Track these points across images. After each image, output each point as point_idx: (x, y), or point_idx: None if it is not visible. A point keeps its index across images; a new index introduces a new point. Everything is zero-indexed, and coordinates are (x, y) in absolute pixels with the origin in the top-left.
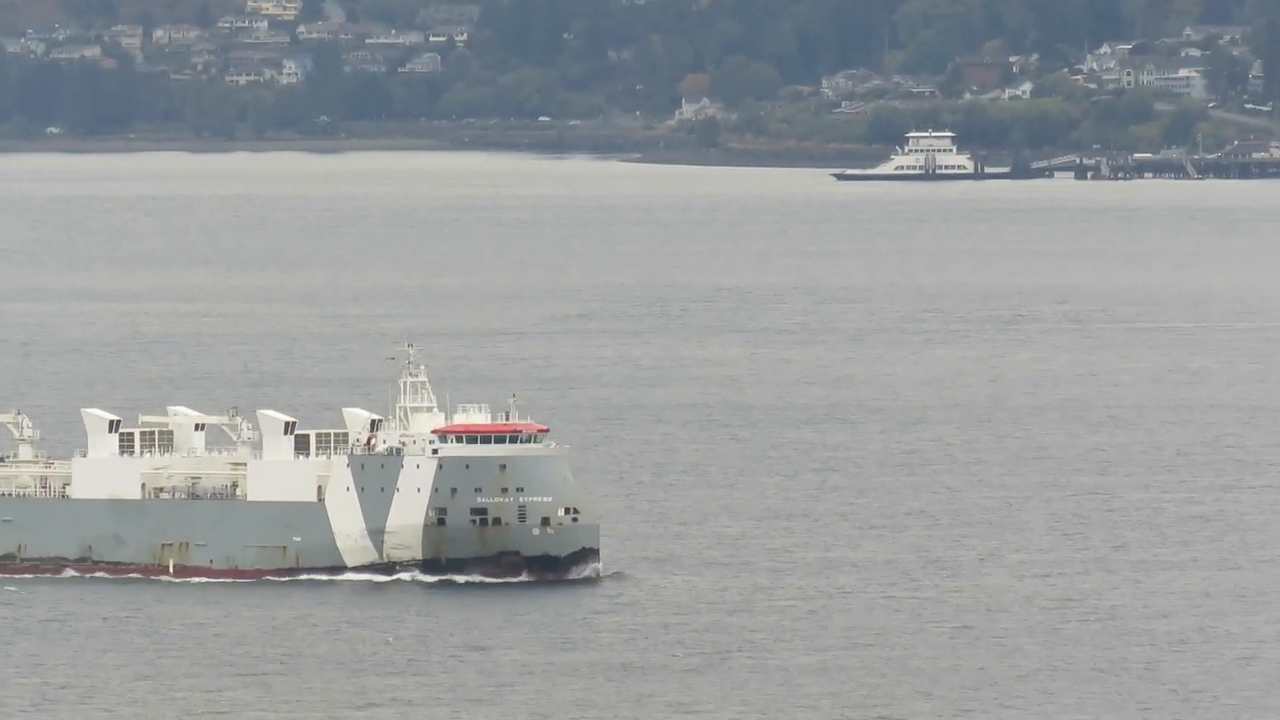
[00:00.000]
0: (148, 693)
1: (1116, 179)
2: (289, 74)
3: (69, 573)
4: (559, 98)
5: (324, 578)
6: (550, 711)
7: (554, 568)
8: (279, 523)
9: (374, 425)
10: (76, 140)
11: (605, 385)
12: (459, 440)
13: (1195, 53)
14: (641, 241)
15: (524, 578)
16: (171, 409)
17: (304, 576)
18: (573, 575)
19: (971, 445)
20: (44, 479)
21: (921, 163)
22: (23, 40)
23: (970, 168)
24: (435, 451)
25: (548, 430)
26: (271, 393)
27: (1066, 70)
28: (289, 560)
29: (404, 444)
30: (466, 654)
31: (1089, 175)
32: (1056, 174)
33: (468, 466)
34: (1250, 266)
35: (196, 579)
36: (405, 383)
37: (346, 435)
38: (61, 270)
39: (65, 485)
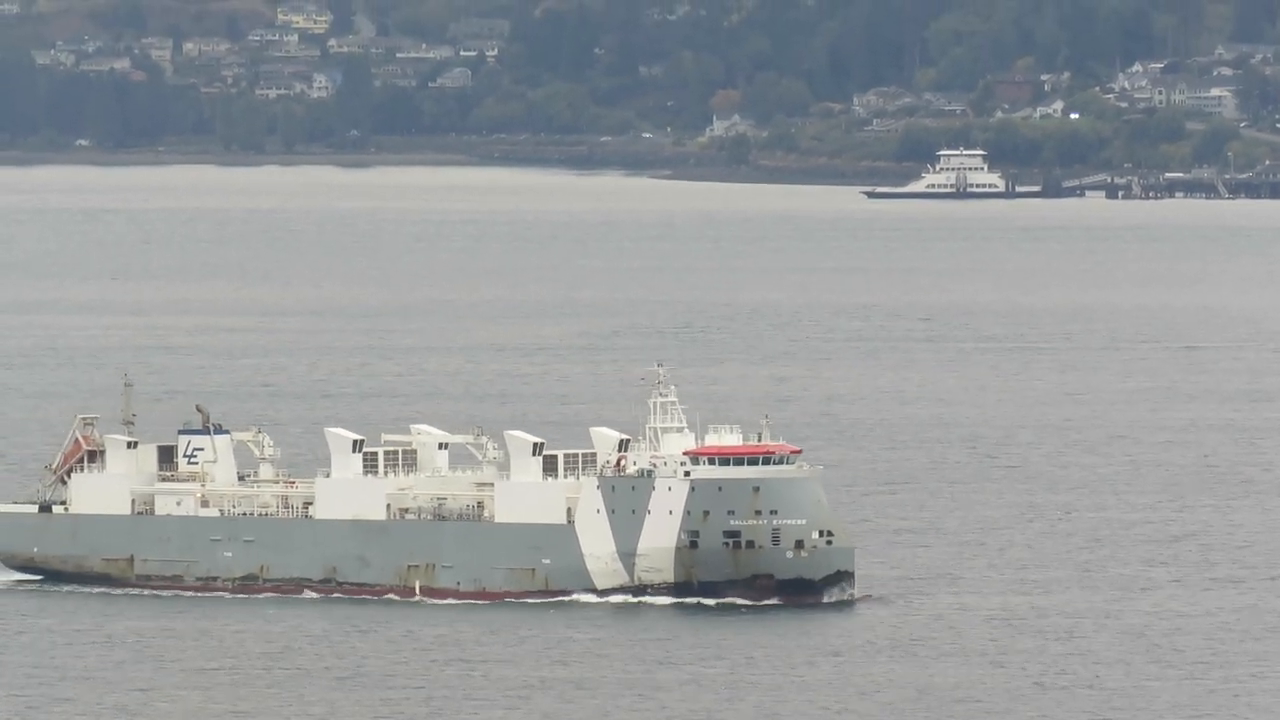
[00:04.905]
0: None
1: (1148, 198)
2: (319, 88)
3: (310, 594)
4: (589, 113)
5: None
6: None
7: (808, 591)
8: (528, 544)
9: (623, 446)
10: (105, 153)
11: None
12: (711, 462)
13: (1227, 72)
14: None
15: (777, 601)
16: (415, 428)
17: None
18: (827, 599)
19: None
20: (285, 499)
21: (952, 181)
22: (52, 52)
23: (1001, 186)
24: (687, 473)
25: (800, 451)
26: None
27: (1098, 89)
28: (538, 582)
29: (655, 465)
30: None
31: (1120, 194)
32: (1088, 193)
33: (720, 489)
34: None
35: (443, 600)
36: (655, 403)
37: (594, 456)
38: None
39: (307, 505)
